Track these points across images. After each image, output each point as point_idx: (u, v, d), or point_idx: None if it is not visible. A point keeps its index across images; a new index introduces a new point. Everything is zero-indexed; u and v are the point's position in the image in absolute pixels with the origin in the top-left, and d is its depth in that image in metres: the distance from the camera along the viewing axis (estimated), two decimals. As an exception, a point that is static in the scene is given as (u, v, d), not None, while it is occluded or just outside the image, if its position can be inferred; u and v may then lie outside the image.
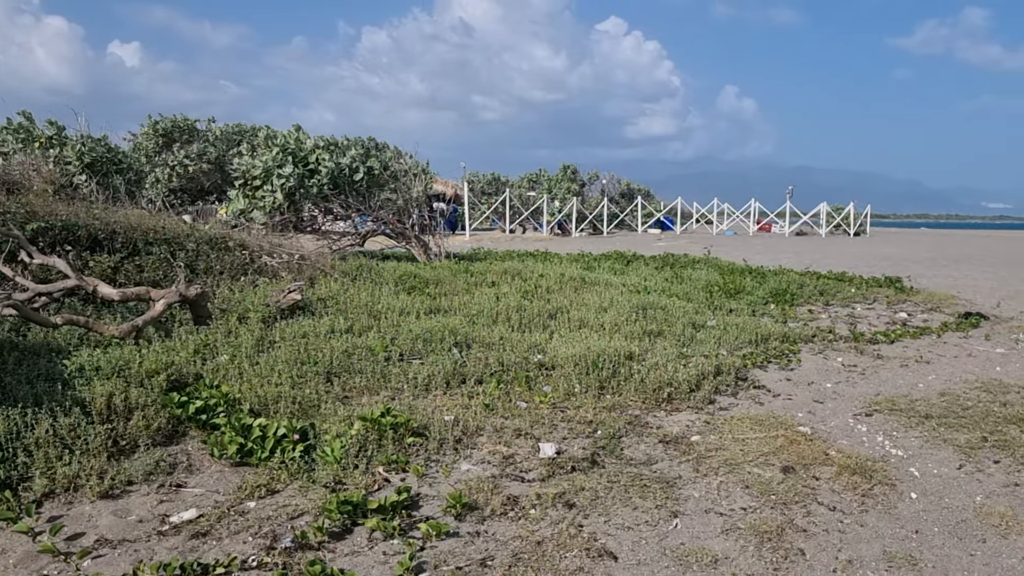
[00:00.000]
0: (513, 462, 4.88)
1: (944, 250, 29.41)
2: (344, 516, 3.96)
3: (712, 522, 4.18)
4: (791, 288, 12.48)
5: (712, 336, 8.11)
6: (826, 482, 4.73)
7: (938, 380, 7.20)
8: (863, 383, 7.08)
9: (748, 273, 14.89)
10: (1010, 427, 5.83)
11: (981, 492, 4.71)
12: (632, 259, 17.52)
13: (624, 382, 6.42)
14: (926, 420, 5.97)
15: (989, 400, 6.52)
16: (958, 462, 5.16)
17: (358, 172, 15.72)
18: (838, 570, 3.76)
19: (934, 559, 3.91)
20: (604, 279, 12.13)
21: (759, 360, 7.50)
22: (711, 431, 5.52)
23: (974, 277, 17.11)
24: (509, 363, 6.77)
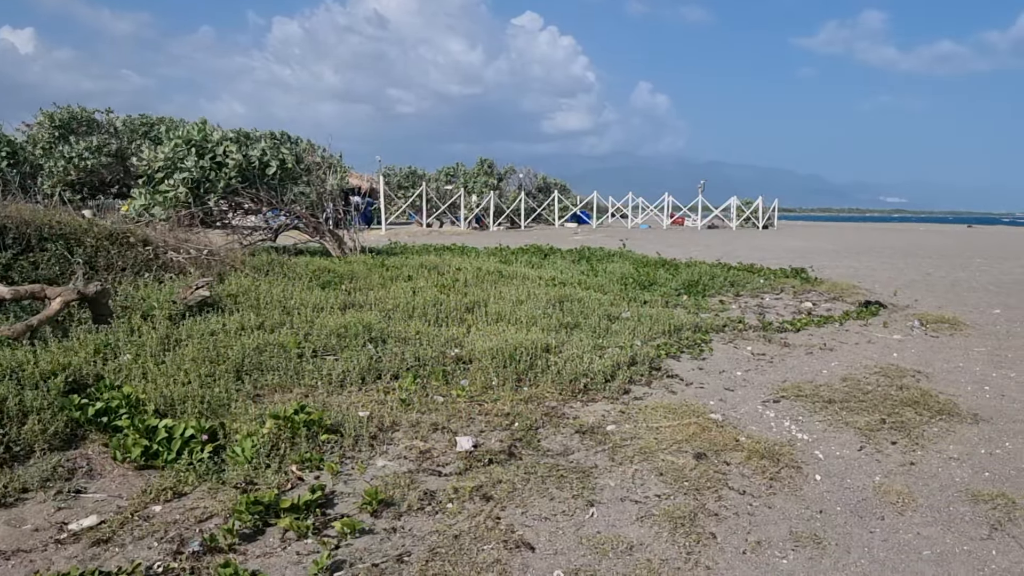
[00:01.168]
0: (430, 457, 4.84)
1: (846, 242, 30.67)
2: (256, 517, 3.85)
3: (627, 510, 4.24)
4: (703, 279, 12.79)
5: (627, 327, 8.23)
6: (736, 467, 4.86)
7: (840, 366, 7.49)
8: (771, 370, 7.30)
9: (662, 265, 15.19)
10: (906, 409, 6.11)
11: (880, 472, 4.92)
12: (549, 252, 17.64)
13: (541, 374, 6.45)
14: (829, 405, 6.20)
15: (887, 384, 6.82)
16: (859, 444, 5.38)
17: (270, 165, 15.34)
18: (747, 551, 3.86)
19: (837, 537, 4.06)
20: (521, 272, 12.18)
21: (672, 350, 7.65)
22: (626, 420, 5.61)
23: (873, 267, 17.89)
24: (426, 358, 6.72)
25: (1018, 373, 7.42)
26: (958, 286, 14.21)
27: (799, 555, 3.87)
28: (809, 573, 3.71)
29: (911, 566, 3.81)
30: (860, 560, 3.84)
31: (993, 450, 5.38)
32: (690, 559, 3.75)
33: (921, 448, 5.35)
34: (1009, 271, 17.34)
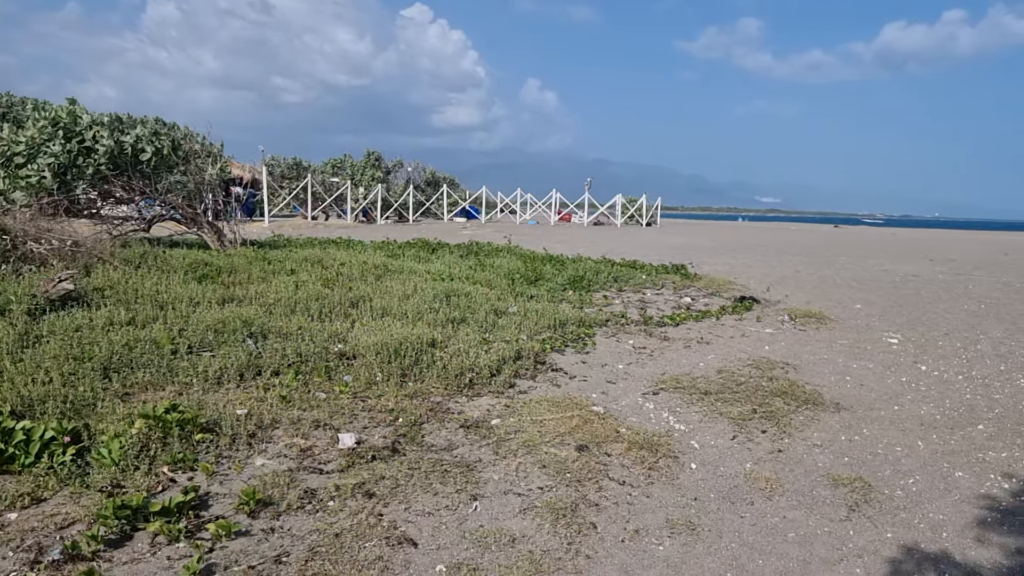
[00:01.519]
0: (311, 454, 4.73)
1: (724, 240, 31.96)
2: (123, 522, 3.66)
3: (511, 503, 4.27)
4: (588, 275, 13.04)
5: (513, 322, 8.30)
6: (617, 458, 4.98)
7: (716, 359, 7.80)
8: (651, 364, 7.52)
9: (548, 261, 15.39)
10: (775, 399, 6.43)
11: (751, 459, 5.15)
12: (437, 247, 17.58)
13: (427, 369, 6.42)
14: (706, 396, 6.44)
15: (759, 376, 7.15)
16: (732, 433, 5.62)
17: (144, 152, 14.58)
18: (626, 540, 3.96)
19: (710, 523, 4.22)
20: (408, 267, 12.08)
21: (557, 344, 7.77)
22: (511, 414, 5.65)
23: (748, 264, 18.71)
24: (308, 353, 6.56)
25: (875, 364, 7.92)
26: (824, 282, 15.04)
27: (675, 541, 4.00)
28: (683, 558, 3.84)
29: (777, 548, 4.01)
30: (731, 544, 4.01)
31: (852, 437, 5.72)
32: (571, 549, 3.82)
33: (788, 436, 5.64)
34: (869, 269, 18.49)
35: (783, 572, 3.77)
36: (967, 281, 16.03)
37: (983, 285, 15.29)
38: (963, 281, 16.01)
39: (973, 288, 14.71)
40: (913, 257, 23.28)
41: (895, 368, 7.80)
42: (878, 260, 21.49)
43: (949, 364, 8.03)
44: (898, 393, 6.92)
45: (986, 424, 6.11)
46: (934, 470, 5.14)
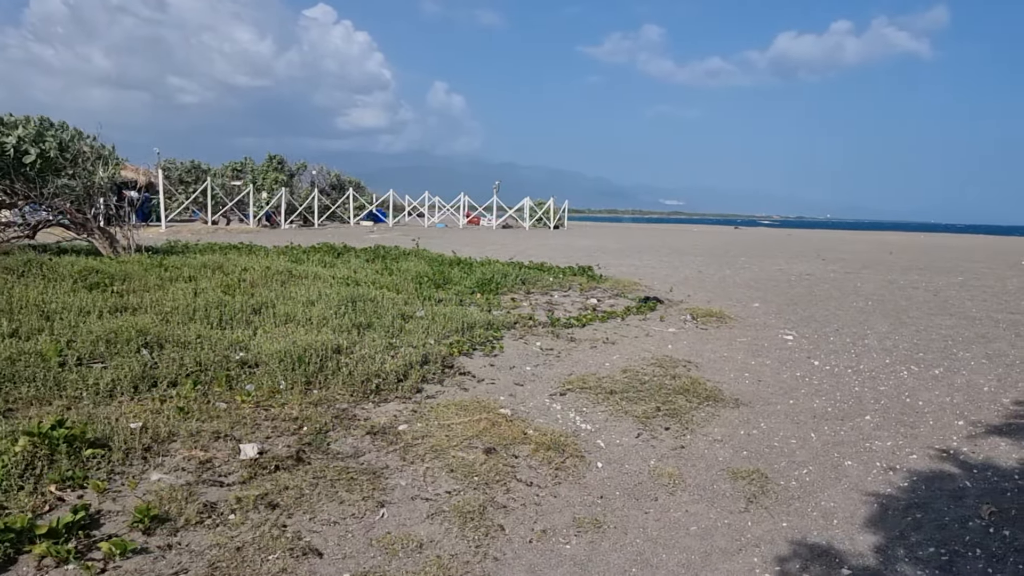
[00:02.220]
0: (211, 467, 4.58)
1: (629, 242, 32.62)
2: (6, 545, 3.46)
3: (418, 508, 4.25)
4: (496, 278, 13.09)
5: (421, 326, 8.25)
6: (524, 459, 5.01)
7: (621, 359, 7.95)
8: (559, 365, 7.61)
9: (456, 264, 15.38)
10: (678, 397, 6.60)
11: (654, 456, 5.27)
12: (343, 251, 17.32)
13: (332, 376, 6.31)
14: (611, 395, 6.56)
15: (662, 374, 7.33)
16: (636, 431, 5.74)
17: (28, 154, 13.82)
18: (533, 540, 3.99)
19: (616, 520, 4.30)
20: (313, 272, 11.85)
21: (465, 348, 7.76)
22: (418, 419, 5.61)
23: (653, 266, 19.15)
24: (207, 362, 6.35)
25: (772, 360, 8.24)
26: (725, 282, 15.54)
27: (581, 539, 4.06)
28: (590, 556, 3.90)
29: (680, 541, 4.11)
30: (636, 540, 4.10)
31: (751, 431, 5.93)
32: (479, 552, 3.82)
33: (690, 432, 5.80)
34: (766, 268, 19.22)
35: (686, 565, 3.88)
36: (856, 279, 16.84)
37: (870, 283, 16.09)
38: (852, 279, 16.81)
39: (861, 286, 15.47)
40: (807, 257, 24.31)
41: (790, 364, 8.12)
42: (775, 260, 22.34)
43: (839, 359, 8.41)
44: (793, 388, 7.21)
45: (873, 415, 6.43)
46: (826, 460, 5.38)
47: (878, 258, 24.62)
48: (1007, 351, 8.93)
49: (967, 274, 18.72)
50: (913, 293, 14.34)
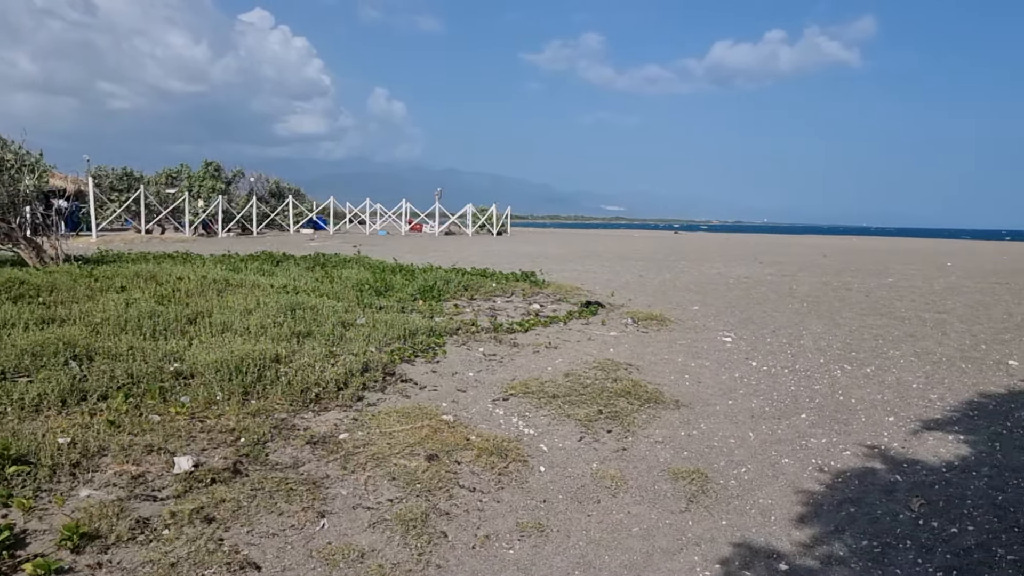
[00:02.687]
0: (144, 481, 4.44)
1: (572, 247, 32.82)
2: (-79, 569, 3.30)
3: (360, 517, 4.19)
4: (438, 284, 13.03)
5: (362, 334, 8.16)
6: (467, 465, 4.99)
7: (564, 363, 7.98)
8: (501, 370, 7.60)
9: (398, 271, 15.27)
10: (620, 400, 6.65)
11: (597, 459, 5.30)
12: (282, 259, 17.05)
13: (271, 385, 6.19)
14: (553, 399, 6.57)
15: (604, 377, 7.38)
16: (579, 434, 5.76)
17: (-52, 163, 13.29)
18: (477, 546, 3.98)
19: (559, 523, 4.31)
20: (251, 280, 11.63)
21: (407, 354, 7.70)
22: (359, 428, 5.54)
23: (594, 271, 19.30)
24: (140, 374, 6.17)
25: (711, 362, 8.37)
26: (665, 286, 15.75)
27: (524, 544, 4.05)
28: (533, 560, 3.90)
29: (622, 543, 4.14)
30: (579, 543, 4.11)
31: (691, 431, 6.01)
32: (421, 560, 3.79)
33: (632, 434, 5.85)
34: (706, 272, 19.54)
35: (628, 566, 3.90)
36: (791, 282, 17.24)
37: (806, 285, 16.49)
38: (788, 282, 17.21)
39: (797, 288, 15.84)
40: (745, 260, 24.80)
41: (729, 365, 8.26)
42: (713, 264, 22.74)
43: (776, 359, 8.59)
44: (732, 388, 7.33)
45: (808, 413, 6.58)
46: (763, 459, 5.48)
47: (813, 261, 25.26)
48: (934, 349, 9.24)
49: (897, 275, 19.33)
50: (846, 294, 14.74)
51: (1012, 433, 6.13)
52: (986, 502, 4.75)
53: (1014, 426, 6.31)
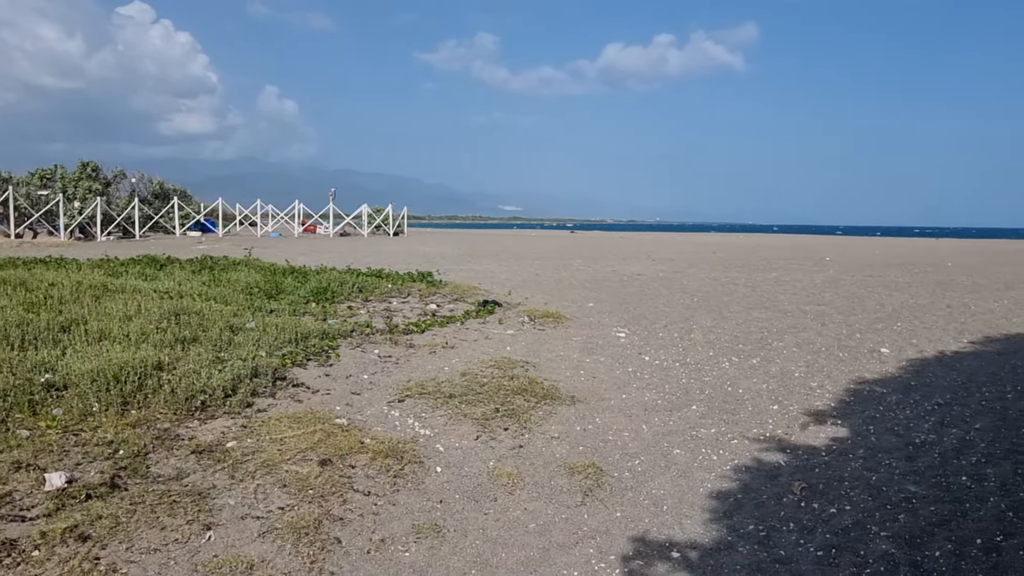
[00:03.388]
0: (11, 500, 4.15)
1: (469, 247, 32.81)
2: None
3: (249, 527, 4.04)
4: (332, 286, 12.75)
5: (251, 338, 7.88)
6: (362, 469, 4.89)
7: (461, 362, 7.94)
8: (397, 371, 7.50)
9: (290, 273, 14.87)
10: (516, 397, 6.66)
11: (493, 457, 5.29)
12: (166, 263, 16.32)
13: (153, 394, 5.89)
14: (450, 399, 6.53)
15: (500, 376, 7.38)
16: (476, 433, 5.74)
17: None
18: (371, 551, 3.90)
19: (455, 523, 4.27)
20: (132, 285, 11.08)
21: (299, 358, 7.49)
22: (248, 435, 5.35)
23: (492, 270, 19.34)
24: (7, 387, 5.75)
25: (606, 357, 8.50)
26: (561, 284, 15.93)
27: (421, 546, 4.00)
28: (429, 561, 3.85)
29: (519, 539, 4.14)
30: (476, 542, 4.09)
31: (586, 426, 6.09)
32: (314, 567, 3.68)
33: (528, 431, 5.87)
34: (601, 270, 19.89)
35: (525, 562, 3.90)
36: (683, 278, 17.76)
37: (696, 281, 17.02)
38: (679, 278, 17.72)
39: (687, 284, 16.32)
40: (638, 258, 25.39)
41: (623, 360, 8.42)
42: (608, 262, 23.17)
43: (668, 353, 8.81)
44: (626, 382, 7.47)
45: (699, 404, 6.78)
46: (656, 450, 5.60)
47: (703, 258, 26.11)
48: (814, 339, 9.69)
49: (780, 270, 20.20)
50: (734, 289, 15.29)
51: (884, 417, 6.48)
52: (861, 483, 5.00)
53: (886, 410, 6.68)
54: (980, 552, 4.04)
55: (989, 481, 5.02)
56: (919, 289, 15.63)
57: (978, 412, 6.62)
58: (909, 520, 4.45)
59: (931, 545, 4.14)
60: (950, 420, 6.39)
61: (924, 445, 5.78)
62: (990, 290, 15.67)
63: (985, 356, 8.87)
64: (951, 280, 17.77)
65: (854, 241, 51.09)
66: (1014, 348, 9.30)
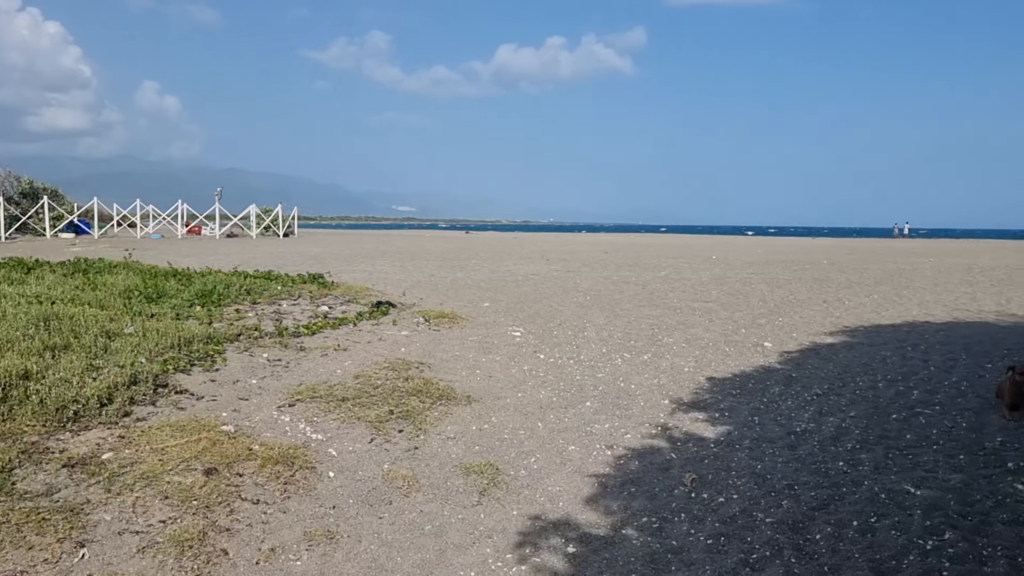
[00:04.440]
0: None
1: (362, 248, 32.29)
2: None
3: (127, 543, 3.82)
4: (218, 289, 12.27)
5: (129, 344, 7.47)
6: (250, 477, 4.70)
7: (354, 365, 7.78)
8: (287, 375, 7.27)
9: (173, 276, 14.22)
10: (411, 399, 6.58)
11: (388, 460, 5.20)
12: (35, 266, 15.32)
13: (19, 405, 5.49)
14: (343, 402, 6.37)
15: (395, 377, 7.27)
16: (370, 436, 5.62)
17: None
18: (261, 561, 3.75)
19: (349, 529, 4.17)
20: (-4, 290, 10.33)
21: (182, 364, 7.15)
22: (126, 446, 5.05)
23: (386, 271, 19.09)
24: None
25: (502, 357, 8.51)
26: (457, 284, 15.88)
27: (313, 554, 3.88)
28: (322, 570, 3.73)
29: (415, 542, 4.08)
30: (370, 547, 3.99)
31: (482, 426, 6.06)
32: (198, 582, 3.51)
33: (424, 432, 5.80)
34: (496, 270, 19.96)
35: (420, 565, 3.84)
36: (576, 277, 18.03)
37: (588, 280, 17.30)
38: (573, 277, 17.97)
39: (581, 283, 16.57)
40: (532, 258, 25.62)
41: (518, 358, 8.45)
42: (503, 262, 23.28)
43: (563, 351, 8.90)
44: (521, 381, 7.50)
45: (593, 401, 6.87)
46: (552, 447, 5.64)
47: (595, 257, 26.58)
48: (702, 335, 10.00)
49: (669, 269, 20.80)
50: (625, 287, 15.63)
51: (768, 408, 6.75)
52: (747, 472, 5.17)
53: (770, 401, 6.95)
54: (856, 533, 4.25)
55: (863, 466, 5.29)
56: (798, 285, 16.40)
57: (853, 401, 6.97)
58: (792, 506, 4.63)
59: (812, 529, 4.32)
60: (828, 409, 6.70)
61: (805, 434, 6.04)
62: (861, 285, 16.59)
63: (858, 348, 9.37)
64: (827, 277, 18.73)
65: (738, 240, 53.19)
66: (884, 340, 9.86)
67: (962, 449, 5.57)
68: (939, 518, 4.37)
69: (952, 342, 9.61)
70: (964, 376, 7.79)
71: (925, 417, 6.44)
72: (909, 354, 8.91)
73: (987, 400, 6.82)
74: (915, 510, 4.49)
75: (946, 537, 4.12)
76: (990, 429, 6.04)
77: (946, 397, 7.03)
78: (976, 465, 5.23)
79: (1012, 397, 6.28)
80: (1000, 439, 5.77)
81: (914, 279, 18.26)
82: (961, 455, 5.44)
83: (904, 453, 5.54)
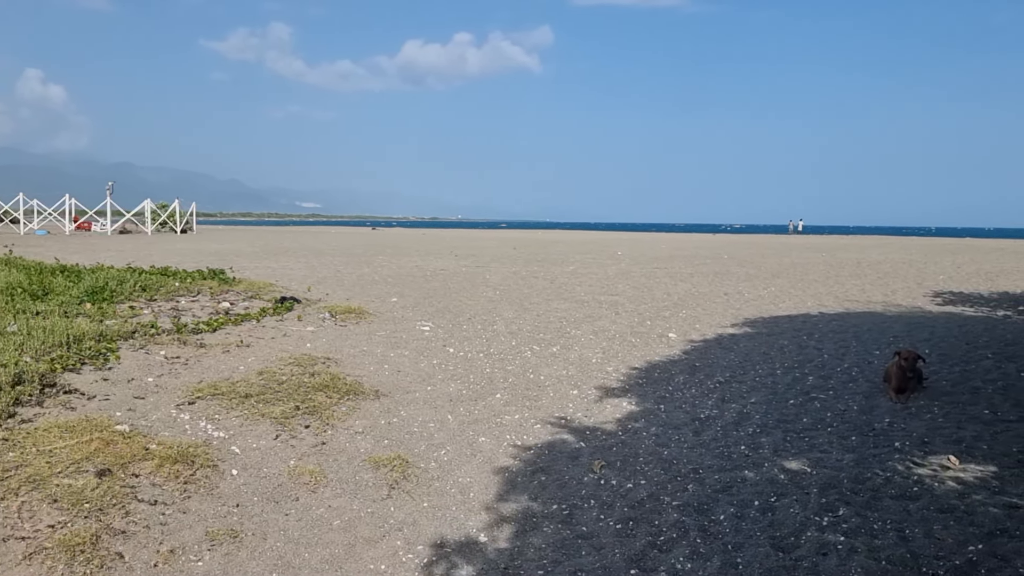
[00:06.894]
0: None
1: (265, 244, 31.47)
2: None
3: (12, 550, 3.59)
4: (110, 285, 11.71)
5: (12, 343, 7.04)
6: (147, 477, 4.50)
7: (257, 361, 7.55)
8: (187, 373, 7.00)
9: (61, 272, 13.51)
10: (318, 394, 6.43)
11: (294, 456, 5.06)
12: (-93, 264, 14.30)
13: None
14: (246, 399, 6.17)
15: (300, 373, 7.10)
16: (275, 433, 5.46)
17: None
18: (159, 564, 3.59)
19: (254, 527, 4.03)
20: None
21: (71, 363, 6.79)
22: (10, 448, 4.75)
23: (290, 267, 18.65)
24: None
25: (411, 351, 8.43)
26: (363, 280, 15.65)
27: (216, 554, 3.74)
28: (226, 569, 3.61)
29: (323, 537, 3.98)
30: (276, 544, 3.88)
31: (391, 419, 5.98)
32: (91, 588, 3.33)
33: (331, 428, 5.67)
34: (404, 266, 19.77)
35: (329, 560, 3.76)
36: (485, 272, 18.04)
37: (498, 275, 17.34)
38: (482, 272, 17.98)
39: (490, 278, 16.60)
40: (441, 254, 25.51)
41: (427, 353, 8.38)
42: (411, 258, 23.09)
43: (472, 345, 8.88)
44: (431, 375, 7.44)
45: (502, 392, 6.87)
46: (462, 439, 5.61)
47: (504, 253, 26.68)
48: (609, 327, 10.16)
49: (577, 264, 21.06)
50: (534, 282, 15.74)
51: (673, 396, 6.90)
52: (654, 458, 5.28)
53: (675, 389, 7.11)
54: (758, 513, 4.39)
55: (763, 449, 5.47)
56: (700, 279, 16.87)
57: (753, 388, 7.21)
58: (697, 489, 4.75)
59: (716, 510, 4.44)
60: (730, 396, 6.92)
61: (708, 420, 6.21)
62: (760, 278, 17.21)
63: (757, 338, 9.71)
64: (727, 271, 19.34)
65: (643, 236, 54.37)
66: (781, 330, 10.25)
67: (854, 431, 5.84)
68: (834, 495, 4.56)
69: (844, 331, 10.07)
70: (855, 362, 8.17)
71: (820, 401, 6.72)
72: (805, 342, 9.29)
73: (876, 384, 7.18)
74: (811, 489, 4.67)
75: (840, 513, 4.30)
76: (879, 411, 6.35)
77: (839, 382, 7.36)
78: (867, 445, 5.49)
79: (898, 381, 6.64)
80: (888, 420, 6.08)
81: (808, 272, 19.06)
82: (853, 436, 5.71)
83: (801, 436, 5.76)
